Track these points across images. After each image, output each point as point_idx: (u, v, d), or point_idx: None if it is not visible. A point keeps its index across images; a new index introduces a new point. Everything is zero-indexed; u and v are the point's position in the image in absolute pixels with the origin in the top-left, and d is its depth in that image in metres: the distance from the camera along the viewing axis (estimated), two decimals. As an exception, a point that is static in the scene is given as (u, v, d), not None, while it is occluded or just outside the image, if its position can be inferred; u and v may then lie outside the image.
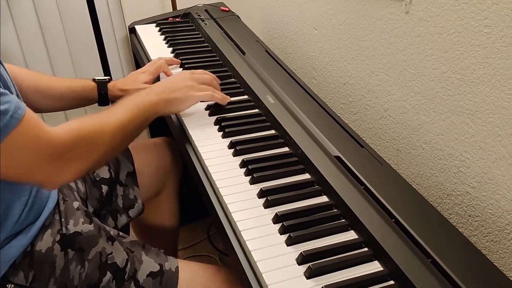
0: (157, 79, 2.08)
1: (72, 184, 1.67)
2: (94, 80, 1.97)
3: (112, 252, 1.48)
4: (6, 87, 1.30)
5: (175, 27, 2.60)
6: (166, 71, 2.09)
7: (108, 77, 2.01)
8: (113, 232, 1.57)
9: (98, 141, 1.37)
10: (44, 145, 1.23)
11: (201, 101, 1.76)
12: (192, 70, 1.79)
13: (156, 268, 1.50)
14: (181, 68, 2.16)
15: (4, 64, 1.60)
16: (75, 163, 1.31)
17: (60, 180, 1.31)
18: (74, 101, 1.98)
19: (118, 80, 2.05)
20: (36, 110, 1.88)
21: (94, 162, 1.38)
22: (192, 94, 1.67)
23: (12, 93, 1.31)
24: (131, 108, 1.50)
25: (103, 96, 1.98)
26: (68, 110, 2.03)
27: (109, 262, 1.46)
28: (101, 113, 1.45)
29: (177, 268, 1.52)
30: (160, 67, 2.07)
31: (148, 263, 1.50)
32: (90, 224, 1.53)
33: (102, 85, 1.97)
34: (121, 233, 1.59)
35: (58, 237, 1.46)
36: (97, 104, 2.00)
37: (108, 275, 1.44)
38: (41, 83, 1.85)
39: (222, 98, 1.77)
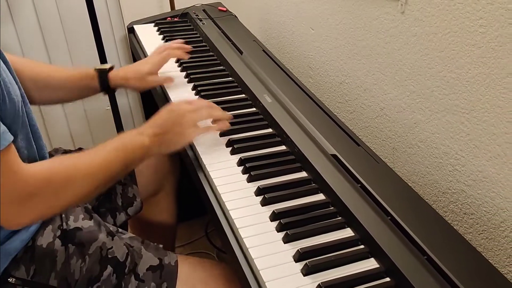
0: None
1: None
2: (95, 69, 1.91)
3: (112, 247, 1.47)
4: (6, 86, 1.28)
5: (173, 27, 2.60)
6: (180, 55, 2.08)
7: (111, 65, 1.95)
8: (112, 228, 1.57)
9: (71, 188, 1.32)
10: (11, 184, 1.19)
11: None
12: (187, 100, 1.66)
13: (155, 262, 1.49)
14: (179, 68, 2.16)
15: (7, 55, 1.57)
16: (38, 208, 1.26)
17: (20, 222, 1.27)
18: (75, 91, 1.92)
19: (121, 68, 2.00)
20: (37, 102, 1.86)
21: (64, 207, 1.34)
22: (187, 133, 1.57)
23: (11, 92, 1.30)
24: (117, 151, 1.43)
25: (105, 85, 1.92)
26: (70, 101, 2.00)
27: (109, 256, 1.45)
28: (83, 153, 1.40)
29: (176, 262, 1.52)
30: (166, 58, 2.02)
31: (148, 257, 1.50)
32: (90, 220, 1.53)
33: (102, 74, 1.92)
34: (120, 229, 1.59)
35: (58, 233, 1.46)
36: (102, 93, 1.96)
37: (109, 268, 1.44)
38: (40, 73, 1.80)
39: (220, 128, 1.67)
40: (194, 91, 1.97)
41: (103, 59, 2.84)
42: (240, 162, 1.55)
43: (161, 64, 2.00)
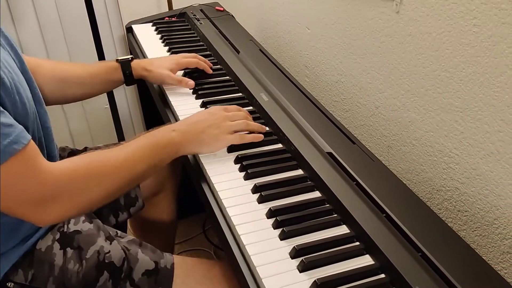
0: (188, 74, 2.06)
1: None
2: (117, 60, 1.92)
3: (109, 251, 1.46)
4: (17, 88, 1.28)
5: (171, 26, 2.60)
6: (204, 68, 2.06)
7: (131, 56, 1.96)
8: (112, 232, 1.56)
9: (96, 184, 1.31)
10: (34, 183, 1.19)
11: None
12: (225, 106, 1.64)
13: (151, 266, 1.48)
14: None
15: (25, 57, 1.57)
16: (66, 205, 1.26)
17: (48, 219, 1.26)
18: (100, 86, 1.94)
19: (143, 59, 2.02)
20: (63, 100, 1.90)
21: (91, 204, 1.33)
22: (221, 138, 1.53)
23: (24, 98, 1.29)
24: (147, 146, 1.42)
25: (128, 76, 1.93)
26: (95, 96, 1.98)
27: (106, 261, 1.44)
28: (111, 149, 1.39)
29: (172, 265, 1.51)
30: (189, 64, 2.02)
31: (144, 261, 1.49)
32: (90, 223, 1.53)
33: (126, 65, 1.92)
34: (119, 233, 1.58)
35: (58, 236, 1.46)
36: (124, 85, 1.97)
37: (105, 274, 1.43)
38: (61, 71, 1.81)
39: (253, 138, 1.60)
40: (191, 90, 1.96)
41: (101, 58, 2.85)
42: (237, 160, 1.55)
43: (183, 66, 2.01)
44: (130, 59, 1.94)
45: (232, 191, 1.43)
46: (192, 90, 1.96)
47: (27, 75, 1.44)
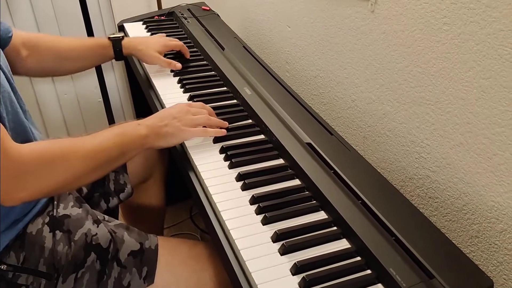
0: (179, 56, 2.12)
1: None
2: (109, 38, 1.98)
3: (96, 234, 1.45)
4: None
5: (160, 25, 2.59)
6: (185, 51, 2.14)
7: (122, 35, 2.01)
8: (100, 216, 1.54)
9: (64, 165, 1.28)
10: (5, 159, 1.16)
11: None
12: (189, 103, 1.63)
13: (136, 247, 1.47)
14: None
15: (25, 33, 1.68)
16: (34, 183, 1.23)
17: (16, 198, 1.23)
18: (93, 59, 1.99)
19: (133, 38, 2.08)
20: (58, 73, 1.99)
21: (58, 185, 1.29)
22: (184, 130, 1.52)
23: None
24: (114, 137, 1.40)
25: (118, 52, 1.99)
26: (86, 69, 2.03)
27: (93, 243, 1.43)
28: (82, 137, 1.37)
29: (156, 246, 1.50)
30: (175, 46, 2.12)
31: (130, 242, 1.48)
32: (79, 208, 1.52)
33: (117, 43, 1.98)
34: (107, 217, 1.57)
35: (47, 219, 1.44)
36: (114, 60, 2.04)
37: (93, 255, 1.41)
38: (60, 48, 1.85)
39: (215, 132, 1.60)
40: (179, 84, 1.96)
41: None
42: (222, 150, 1.55)
43: (170, 48, 2.10)
44: (121, 37, 1.99)
45: (217, 179, 1.43)
46: (180, 85, 1.96)
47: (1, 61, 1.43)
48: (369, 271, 1.15)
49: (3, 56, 1.49)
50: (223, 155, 1.53)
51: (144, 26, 2.58)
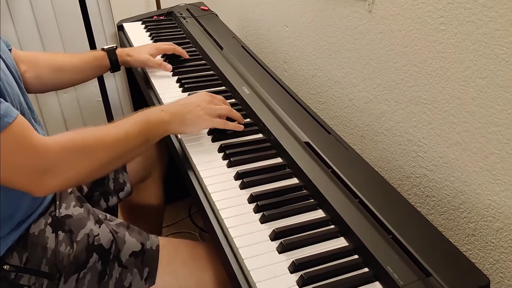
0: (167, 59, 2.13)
1: None
2: (103, 49, 1.98)
3: (98, 234, 1.45)
4: (3, 85, 1.27)
5: (159, 24, 2.59)
6: (181, 53, 2.15)
7: (115, 45, 2.02)
8: (101, 215, 1.54)
9: (91, 154, 1.30)
10: (28, 154, 1.18)
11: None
12: (212, 94, 1.65)
13: (138, 247, 1.47)
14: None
15: (21, 52, 1.64)
16: (62, 173, 1.25)
17: (46, 189, 1.25)
18: (90, 71, 1.99)
19: (126, 48, 2.10)
20: (59, 87, 1.98)
21: (86, 174, 1.32)
22: (206, 118, 1.54)
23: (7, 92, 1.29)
24: (138, 124, 1.42)
25: (114, 62, 1.99)
26: (85, 81, 2.04)
27: (95, 243, 1.43)
28: (105, 125, 1.39)
29: (157, 246, 1.50)
30: (167, 50, 2.12)
31: (131, 243, 1.47)
32: (81, 208, 1.52)
33: (111, 53, 1.98)
34: (108, 216, 1.57)
35: (50, 220, 1.45)
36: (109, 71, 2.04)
37: (95, 256, 1.41)
38: (56, 61, 1.85)
39: (235, 126, 1.62)
40: (178, 84, 1.96)
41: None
42: (221, 149, 1.54)
43: (162, 51, 2.11)
44: (115, 47, 2.00)
45: (216, 178, 1.43)
46: (179, 84, 1.96)
47: (12, 70, 1.44)
48: (366, 269, 1.15)
49: (12, 59, 1.50)
50: (221, 154, 1.53)
51: (143, 26, 2.58)
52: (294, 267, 1.13)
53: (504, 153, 1.33)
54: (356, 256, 1.18)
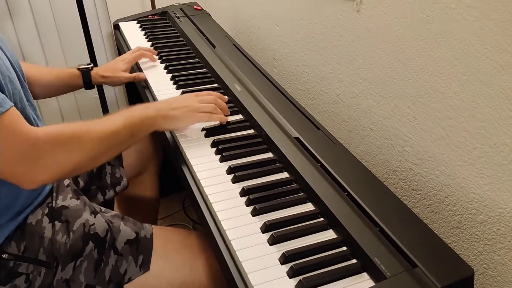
0: (138, 68, 2.09)
1: None
2: (78, 69, 1.96)
3: (94, 224, 1.45)
4: (4, 79, 1.26)
5: (154, 24, 2.59)
6: (149, 57, 2.14)
7: (91, 65, 1.99)
8: (97, 207, 1.54)
9: (79, 146, 1.30)
10: (19, 142, 1.18)
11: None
12: (196, 92, 1.68)
13: (132, 236, 1.47)
14: (159, 60, 2.14)
15: None
16: (52, 165, 1.25)
17: (35, 180, 1.25)
18: (61, 88, 1.97)
19: (100, 67, 2.05)
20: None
21: (74, 166, 1.31)
22: (191, 114, 1.56)
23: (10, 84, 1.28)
24: (124, 119, 1.43)
25: (88, 82, 1.97)
26: (57, 95, 2.04)
27: (91, 232, 1.43)
28: (93, 120, 1.39)
29: (151, 235, 1.50)
30: (138, 57, 2.10)
31: (126, 232, 1.48)
32: (77, 200, 1.52)
33: (86, 73, 1.96)
34: (103, 209, 1.57)
35: (47, 210, 1.44)
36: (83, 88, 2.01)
37: (90, 244, 1.41)
38: (28, 73, 1.78)
39: (220, 118, 1.63)
40: (172, 81, 1.95)
41: (91, 53, 2.84)
42: (213, 144, 1.54)
43: (133, 62, 2.08)
44: (90, 68, 1.98)
45: (209, 172, 1.43)
46: (173, 82, 1.96)
47: (15, 68, 1.44)
48: (354, 260, 1.14)
49: (16, 57, 1.50)
50: (214, 149, 1.53)
51: (139, 25, 2.57)
52: (285, 259, 1.13)
53: (487, 147, 1.33)
54: (344, 248, 1.17)
